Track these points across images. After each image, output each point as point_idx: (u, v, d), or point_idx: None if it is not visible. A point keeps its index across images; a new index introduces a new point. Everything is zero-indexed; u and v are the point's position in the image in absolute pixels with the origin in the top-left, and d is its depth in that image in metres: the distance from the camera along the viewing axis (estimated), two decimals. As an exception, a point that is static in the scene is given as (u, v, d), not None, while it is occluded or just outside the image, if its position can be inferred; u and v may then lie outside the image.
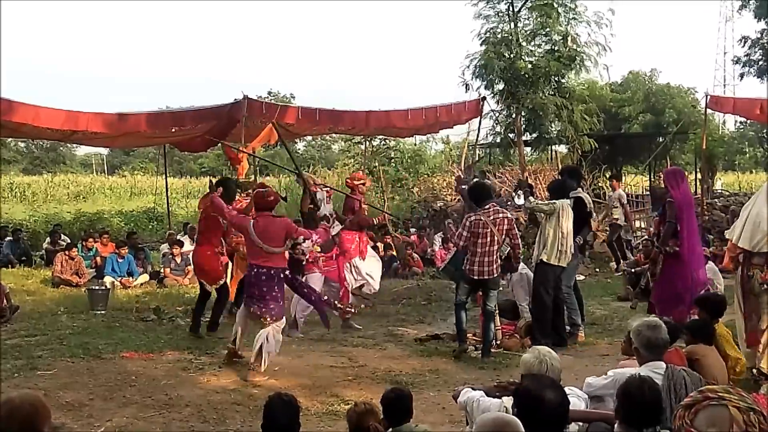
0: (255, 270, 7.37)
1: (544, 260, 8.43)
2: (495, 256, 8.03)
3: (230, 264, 10.00)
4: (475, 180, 10.94)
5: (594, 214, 11.76)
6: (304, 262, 9.60)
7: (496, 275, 8.10)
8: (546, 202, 8.54)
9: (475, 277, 8.03)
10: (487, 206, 8.10)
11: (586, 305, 10.45)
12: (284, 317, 7.70)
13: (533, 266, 8.82)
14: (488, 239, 7.94)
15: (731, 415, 2.61)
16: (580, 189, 9.53)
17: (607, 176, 20.92)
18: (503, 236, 8.04)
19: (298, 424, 3.85)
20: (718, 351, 5.96)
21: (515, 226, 8.26)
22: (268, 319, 7.29)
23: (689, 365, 4.96)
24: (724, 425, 2.60)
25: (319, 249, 8.13)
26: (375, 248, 12.35)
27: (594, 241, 14.79)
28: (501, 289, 8.67)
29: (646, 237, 13.88)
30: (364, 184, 10.76)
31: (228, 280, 9.59)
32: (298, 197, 21.38)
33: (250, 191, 10.23)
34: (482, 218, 7.99)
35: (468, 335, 8.42)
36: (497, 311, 8.49)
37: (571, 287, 9.05)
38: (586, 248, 9.15)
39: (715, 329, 6.24)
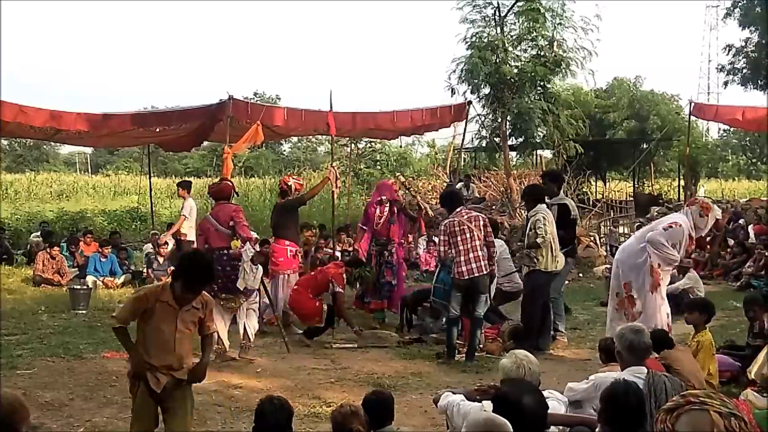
0: (217, 254, 7.49)
1: (542, 269, 8.30)
2: (481, 253, 7.96)
3: None
4: (447, 186, 10.95)
5: (579, 220, 11.76)
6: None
7: (485, 272, 7.99)
8: (539, 227, 8.20)
9: (466, 277, 7.91)
10: (458, 209, 8.16)
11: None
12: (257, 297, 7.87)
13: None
14: (468, 236, 7.93)
15: (712, 419, 2.62)
16: (564, 194, 9.52)
17: (592, 181, 21.02)
18: (482, 233, 8.04)
19: (290, 428, 3.86)
20: (697, 360, 6.03)
21: (489, 223, 8.26)
22: (242, 300, 7.35)
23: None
24: (706, 430, 2.61)
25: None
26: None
27: (578, 246, 14.81)
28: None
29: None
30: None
31: None
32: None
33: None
34: (456, 218, 8.02)
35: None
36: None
37: (561, 292, 9.04)
38: (574, 252, 9.13)
39: (699, 337, 6.37)
